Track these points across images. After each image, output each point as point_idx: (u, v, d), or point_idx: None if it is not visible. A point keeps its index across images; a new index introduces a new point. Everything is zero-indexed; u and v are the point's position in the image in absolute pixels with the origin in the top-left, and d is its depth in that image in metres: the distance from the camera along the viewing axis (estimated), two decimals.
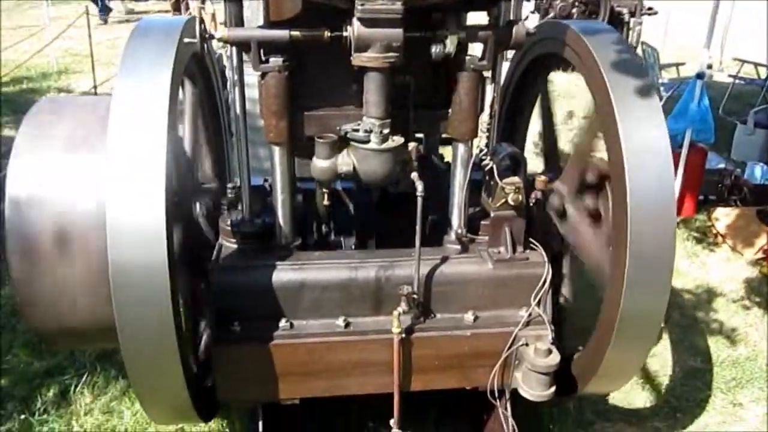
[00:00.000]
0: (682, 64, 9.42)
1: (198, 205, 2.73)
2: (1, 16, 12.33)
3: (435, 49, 2.39)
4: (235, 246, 2.65)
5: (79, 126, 2.29)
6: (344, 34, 2.30)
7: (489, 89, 2.62)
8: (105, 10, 15.65)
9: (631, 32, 10.74)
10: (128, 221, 2.03)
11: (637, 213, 2.34)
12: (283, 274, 2.53)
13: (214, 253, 2.64)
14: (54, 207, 2.18)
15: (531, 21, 9.57)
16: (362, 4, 2.17)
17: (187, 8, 12.92)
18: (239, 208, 2.72)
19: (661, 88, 8.54)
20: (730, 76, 9.62)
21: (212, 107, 3.19)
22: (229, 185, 2.95)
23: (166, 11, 15.43)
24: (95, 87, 7.71)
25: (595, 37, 2.61)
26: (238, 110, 2.52)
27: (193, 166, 2.79)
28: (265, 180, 2.94)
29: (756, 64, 9.59)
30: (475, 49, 2.53)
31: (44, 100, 2.55)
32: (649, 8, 11.56)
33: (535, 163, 3.30)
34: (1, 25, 11.22)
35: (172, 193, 2.08)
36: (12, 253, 2.18)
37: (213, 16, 12.07)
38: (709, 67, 6.66)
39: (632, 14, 11.09)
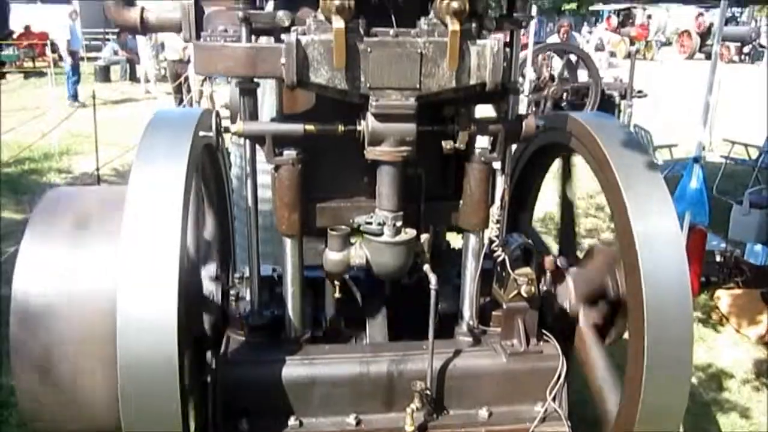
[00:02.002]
0: (675, 145, 9.62)
1: (205, 294, 2.68)
2: (1, 99, 12.57)
3: (446, 143, 2.42)
4: (243, 339, 2.59)
5: (89, 222, 2.27)
6: (358, 128, 2.34)
7: (499, 180, 2.64)
8: (73, 96, 15.89)
9: (622, 114, 11.02)
10: (139, 319, 1.98)
11: (653, 305, 2.31)
12: (293, 369, 2.46)
13: (222, 346, 2.58)
14: (63, 318, 2.13)
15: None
16: (376, 100, 2.21)
17: (189, 90, 13.27)
18: (247, 298, 2.68)
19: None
20: (721, 156, 9.82)
21: (220, 197, 3.19)
22: (237, 275, 2.93)
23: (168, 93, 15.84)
24: (98, 169, 7.79)
25: (600, 126, 2.66)
26: (249, 201, 2.51)
27: (202, 256, 2.76)
28: (273, 269, 2.91)
29: (746, 145, 9.80)
30: (484, 140, 2.57)
31: (53, 192, 2.54)
32: (639, 91, 11.92)
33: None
34: (3, 107, 11.42)
35: (184, 285, 2.05)
36: (18, 365, 2.13)
37: (211, 96, 12.40)
38: (702, 148, 6.82)
39: (623, 96, 11.41)
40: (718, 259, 6.60)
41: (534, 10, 7.41)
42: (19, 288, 2.14)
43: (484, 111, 2.59)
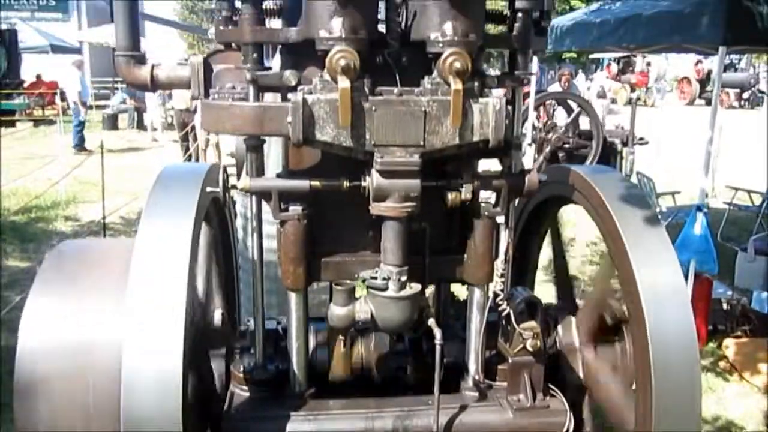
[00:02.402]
0: (678, 192, 9.65)
1: (210, 349, 2.68)
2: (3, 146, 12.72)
3: (450, 197, 2.45)
4: (247, 394, 2.58)
5: (97, 276, 2.29)
6: (363, 184, 2.37)
7: (503, 234, 2.66)
8: (78, 143, 16.18)
9: (624, 161, 11.10)
10: (144, 373, 1.98)
11: (659, 358, 2.30)
12: (297, 425, 2.44)
13: (226, 401, 2.56)
14: (69, 380, 2.13)
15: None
16: (381, 157, 2.25)
17: (195, 139, 13.45)
18: (251, 352, 2.68)
19: (659, 217, 8.68)
20: (725, 203, 9.83)
21: (226, 249, 3.22)
22: (242, 329, 2.92)
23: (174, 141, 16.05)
24: (104, 218, 7.85)
25: (600, 178, 2.69)
26: (255, 256, 2.53)
27: (207, 309, 2.77)
28: (278, 323, 2.91)
29: (749, 191, 9.83)
30: (488, 194, 2.60)
31: (64, 245, 2.57)
32: (641, 138, 12.04)
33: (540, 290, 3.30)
34: (12, 155, 11.58)
35: (190, 342, 2.05)
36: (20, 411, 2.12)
37: (217, 145, 12.56)
38: (705, 195, 6.83)
39: (624, 144, 11.52)
40: (725, 307, 6.56)
41: (535, 61, 7.54)
42: (24, 353, 2.14)
43: (487, 164, 2.63)
